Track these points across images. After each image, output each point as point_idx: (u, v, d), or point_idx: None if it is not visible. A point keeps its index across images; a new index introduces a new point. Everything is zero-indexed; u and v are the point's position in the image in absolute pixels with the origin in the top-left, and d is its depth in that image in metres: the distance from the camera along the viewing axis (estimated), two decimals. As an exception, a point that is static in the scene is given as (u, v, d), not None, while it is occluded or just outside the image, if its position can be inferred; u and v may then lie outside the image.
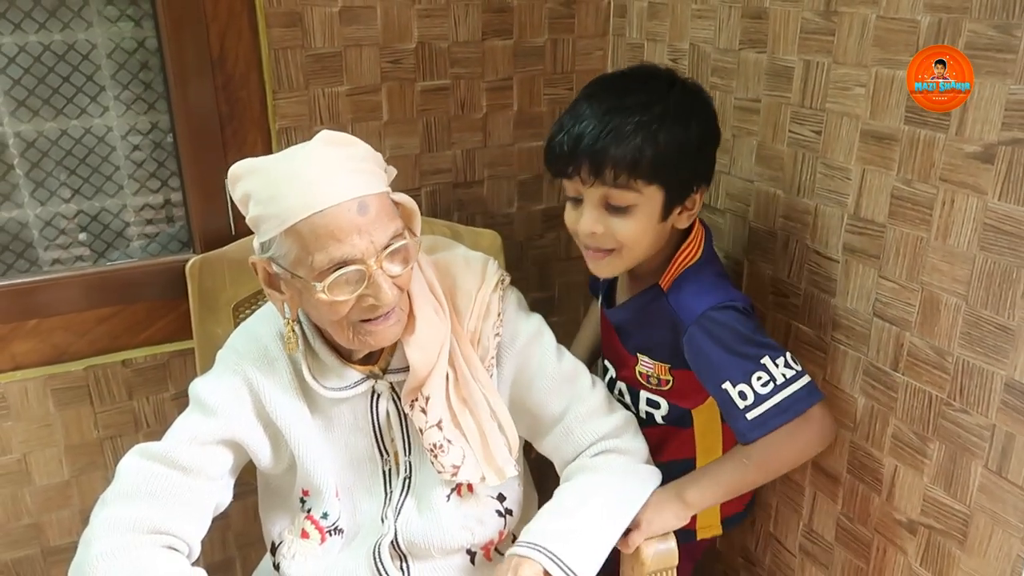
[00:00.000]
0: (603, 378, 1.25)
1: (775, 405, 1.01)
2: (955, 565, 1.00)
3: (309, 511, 1.10)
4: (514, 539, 1.20)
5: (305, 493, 1.11)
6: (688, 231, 1.10)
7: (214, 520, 1.05)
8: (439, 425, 1.06)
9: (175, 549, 0.98)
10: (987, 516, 0.95)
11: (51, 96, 1.24)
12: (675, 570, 1.09)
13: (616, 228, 1.04)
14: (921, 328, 0.99)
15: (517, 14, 1.44)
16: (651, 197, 1.02)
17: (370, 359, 1.08)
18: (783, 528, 1.28)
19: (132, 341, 1.36)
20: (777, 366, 1.01)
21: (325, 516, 1.10)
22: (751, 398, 1.01)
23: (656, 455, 1.15)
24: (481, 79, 1.45)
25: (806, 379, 1.02)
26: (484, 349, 1.08)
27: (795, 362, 1.02)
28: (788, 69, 1.13)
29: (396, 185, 1.01)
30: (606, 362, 1.27)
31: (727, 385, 1.02)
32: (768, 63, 1.16)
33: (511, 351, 1.10)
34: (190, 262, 1.27)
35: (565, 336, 1.21)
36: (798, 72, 1.11)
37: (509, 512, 1.14)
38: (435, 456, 1.06)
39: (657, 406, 1.18)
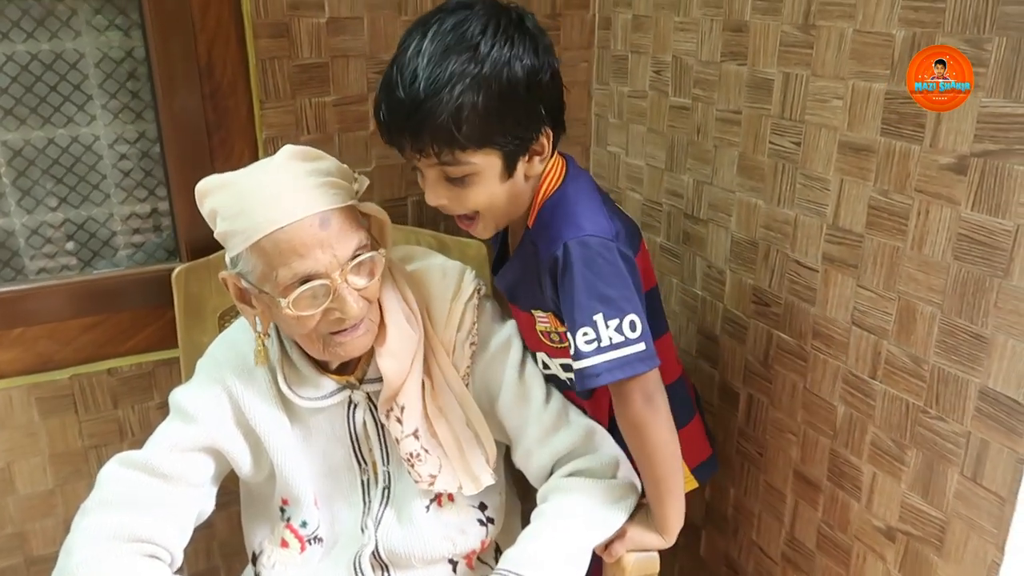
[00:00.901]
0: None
1: (583, 368, 0.95)
2: (933, 571, 1.01)
3: (289, 520, 1.11)
4: (497, 548, 1.21)
5: (285, 502, 1.11)
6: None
7: (198, 529, 1.05)
8: (415, 434, 1.06)
9: (157, 558, 0.98)
10: (963, 522, 0.96)
11: (38, 105, 1.25)
12: (656, 577, 1.10)
13: (462, 198, 0.98)
14: (898, 336, 1.01)
15: (503, 26, 1.45)
16: (487, 162, 0.95)
17: (346, 369, 1.08)
18: (765, 536, 1.29)
19: (117, 350, 1.36)
20: (607, 327, 0.94)
21: (304, 525, 1.10)
22: (572, 351, 0.96)
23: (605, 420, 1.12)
24: (467, 90, 1.46)
25: (637, 348, 0.94)
26: (459, 359, 1.09)
27: (636, 330, 0.94)
28: (768, 81, 1.14)
29: (382, 195, 1.02)
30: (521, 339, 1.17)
31: (568, 328, 0.97)
32: (749, 75, 1.18)
33: (483, 359, 1.11)
34: (176, 270, 1.27)
35: None
36: (778, 84, 1.13)
37: (491, 521, 1.15)
38: (412, 465, 1.06)
39: (571, 368, 1.07)
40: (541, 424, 1.09)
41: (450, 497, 1.11)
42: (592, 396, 1.12)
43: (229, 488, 1.25)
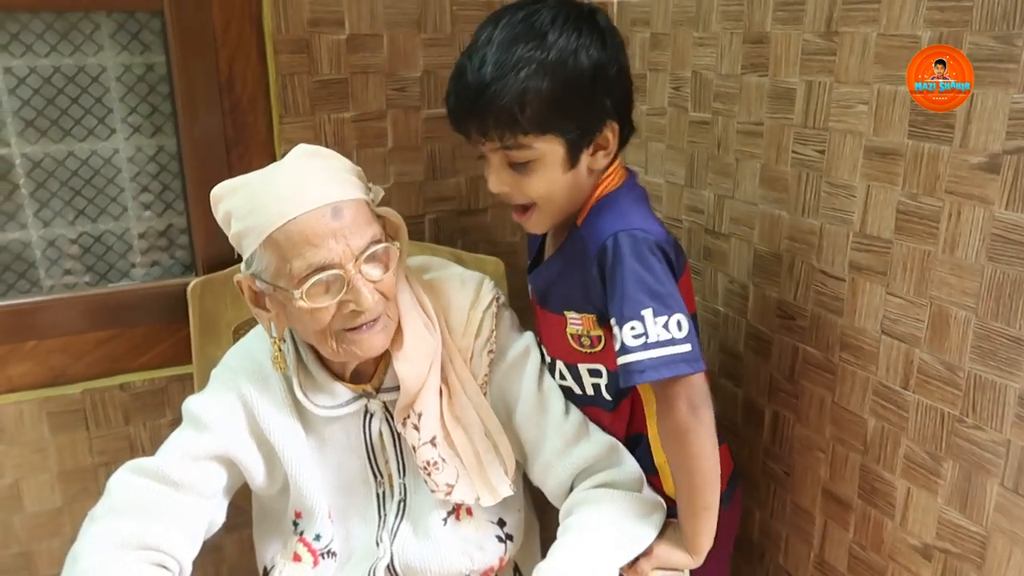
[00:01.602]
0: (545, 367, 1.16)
1: (630, 363, 0.92)
2: (973, 591, 0.96)
3: (302, 533, 1.07)
4: (516, 568, 1.17)
5: (298, 515, 1.08)
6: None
7: (208, 552, 1.02)
8: (432, 442, 1.03)
9: (164, 567, 0.95)
10: (1005, 537, 0.92)
11: (59, 117, 1.25)
12: (682, 597, 1.06)
13: (524, 185, 0.99)
14: (931, 344, 0.98)
15: (521, 45, 1.46)
16: (550, 149, 0.96)
17: (363, 377, 1.06)
18: (794, 560, 1.24)
19: (131, 365, 1.35)
20: (656, 324, 0.92)
21: (318, 538, 1.07)
22: (618, 345, 0.94)
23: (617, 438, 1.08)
24: (485, 108, 1.46)
25: (669, 350, 0.92)
26: (477, 367, 1.07)
27: (682, 330, 0.93)
28: (790, 91, 1.13)
29: (400, 212, 1.02)
30: (542, 347, 1.15)
31: (614, 320, 0.95)
32: (770, 86, 1.17)
33: (500, 369, 1.09)
34: (191, 283, 1.26)
35: None
36: (800, 93, 1.12)
37: (510, 538, 1.11)
38: (428, 474, 1.03)
39: (599, 375, 1.08)
40: (561, 436, 1.06)
41: (468, 511, 1.08)
42: (616, 409, 1.09)
43: (240, 510, 1.22)
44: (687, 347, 0.93)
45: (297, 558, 1.07)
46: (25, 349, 1.27)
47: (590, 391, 1.10)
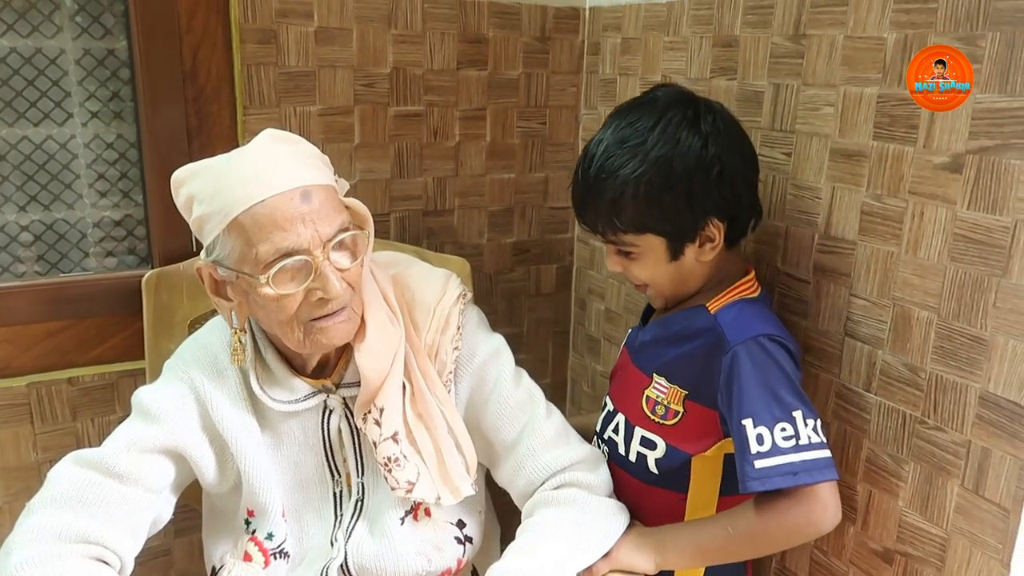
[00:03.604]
0: (602, 410, 1.17)
1: (788, 463, 0.91)
2: (933, 595, 0.95)
3: (254, 532, 1.04)
4: (474, 570, 1.14)
5: (250, 513, 1.04)
6: (741, 265, 1.06)
7: (156, 556, 0.98)
8: (394, 438, 1.01)
9: (104, 561, 0.91)
10: (965, 538, 0.91)
11: (14, 99, 1.21)
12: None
13: (633, 269, 1.04)
14: (893, 345, 0.98)
15: (492, 46, 1.46)
16: (650, 244, 1.00)
17: (323, 372, 1.03)
18: (756, 568, 1.23)
19: (81, 358, 1.30)
20: (806, 426, 0.92)
21: (270, 537, 1.03)
22: (767, 445, 0.92)
23: (637, 516, 1.06)
24: (455, 107, 1.45)
25: (827, 452, 0.92)
26: (442, 363, 1.05)
27: (821, 432, 0.93)
28: (758, 94, 1.14)
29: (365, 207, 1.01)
30: (607, 397, 1.17)
31: (748, 421, 0.93)
32: (739, 89, 1.17)
33: (468, 368, 1.07)
34: (146, 275, 1.23)
35: (533, 376, 1.13)
36: (768, 96, 1.12)
37: (469, 540, 1.08)
38: (389, 471, 1.00)
39: (652, 446, 1.06)
40: (540, 437, 1.04)
41: (427, 512, 1.05)
42: (649, 484, 1.07)
43: (190, 512, 1.18)
44: (827, 452, 0.93)
45: (248, 557, 1.03)
46: (-31, 338, 1.23)
47: (632, 456, 1.08)
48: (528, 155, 1.55)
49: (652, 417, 1.06)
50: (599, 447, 1.14)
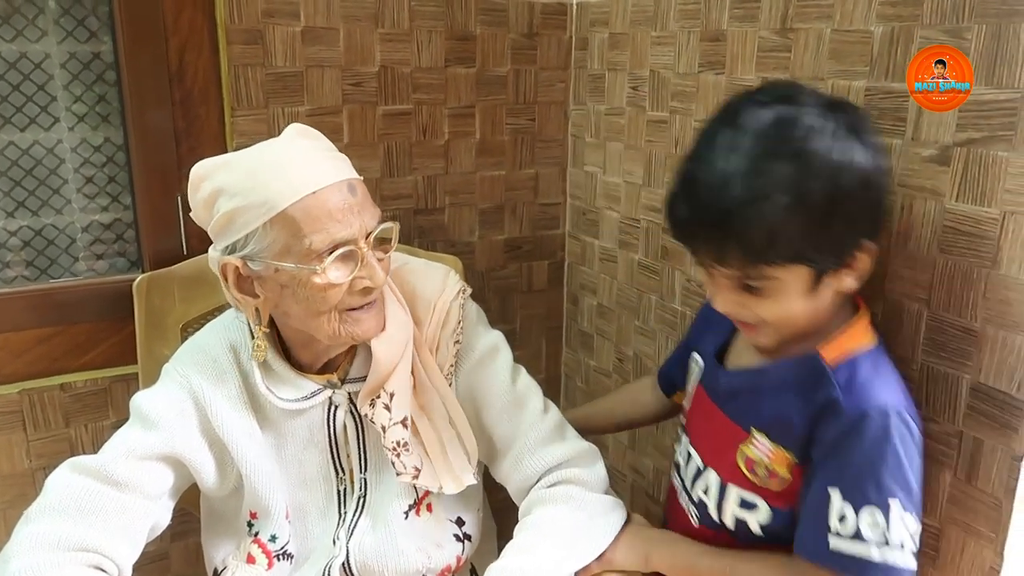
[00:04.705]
0: (683, 463, 1.05)
1: (857, 557, 0.82)
2: (928, 584, 0.96)
3: (257, 534, 1.04)
4: (472, 570, 1.15)
5: (253, 516, 1.04)
6: (851, 298, 0.91)
7: (152, 560, 0.97)
8: (403, 423, 1.01)
9: (102, 569, 0.91)
10: (958, 528, 0.92)
11: (-1, 105, 1.21)
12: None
13: (755, 307, 0.86)
14: (885, 338, 0.98)
15: (480, 43, 1.45)
16: (794, 277, 0.83)
17: (327, 368, 1.04)
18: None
19: (72, 364, 1.30)
20: (900, 520, 0.81)
21: (273, 539, 1.03)
22: (849, 528, 0.82)
23: None
24: (443, 105, 1.45)
25: (911, 564, 0.82)
26: (443, 357, 1.05)
27: (916, 539, 0.83)
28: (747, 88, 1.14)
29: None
30: (690, 447, 1.04)
31: (835, 491, 0.83)
32: (727, 84, 1.18)
33: (467, 363, 1.07)
34: (137, 279, 1.22)
35: (527, 372, 1.13)
36: (756, 90, 1.12)
37: (468, 537, 1.09)
38: (397, 455, 1.01)
39: (753, 507, 0.93)
40: (537, 432, 1.05)
41: (428, 508, 1.05)
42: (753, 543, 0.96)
43: (187, 516, 1.18)
44: (914, 564, 0.83)
45: (251, 560, 1.03)
46: (-41, 346, 1.22)
47: (729, 520, 0.96)
48: (518, 152, 1.55)
49: (751, 477, 0.93)
50: (687, 509, 1.03)
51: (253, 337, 0.98)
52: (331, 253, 0.90)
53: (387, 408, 1.00)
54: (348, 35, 1.35)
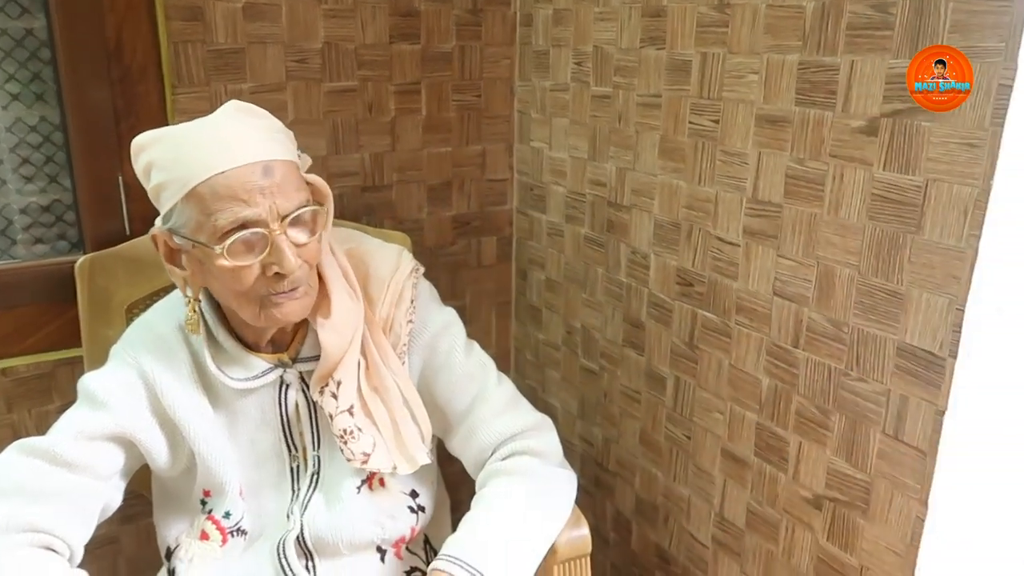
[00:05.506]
0: None
1: None
2: (860, 535, 1.01)
3: (211, 511, 1.04)
4: (426, 540, 1.16)
5: (207, 494, 1.05)
6: None
7: (103, 544, 0.97)
8: (350, 411, 1.02)
9: (53, 550, 0.90)
10: (887, 481, 0.97)
11: (-73, 83, 1.17)
12: (588, 558, 1.07)
13: None
14: (818, 302, 1.03)
15: (424, 19, 1.45)
16: None
17: (278, 347, 1.04)
18: (696, 521, 1.28)
19: (14, 349, 1.28)
20: None
21: (227, 516, 1.04)
22: None
23: None
24: (389, 82, 1.45)
25: None
26: (396, 336, 1.06)
27: None
28: (686, 63, 1.17)
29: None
30: None
31: None
32: (668, 59, 1.20)
33: (421, 340, 1.08)
34: (79, 260, 1.20)
35: None
36: (696, 65, 1.15)
37: (422, 509, 1.11)
38: (345, 442, 1.02)
39: None
40: (490, 404, 1.07)
41: (381, 482, 1.07)
42: None
43: (138, 499, 1.17)
44: None
45: (205, 536, 1.03)
46: None
47: None
48: (464, 128, 1.55)
49: None
50: None
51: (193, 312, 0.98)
52: (234, 234, 0.88)
53: (334, 396, 1.01)
54: (291, 11, 1.34)
